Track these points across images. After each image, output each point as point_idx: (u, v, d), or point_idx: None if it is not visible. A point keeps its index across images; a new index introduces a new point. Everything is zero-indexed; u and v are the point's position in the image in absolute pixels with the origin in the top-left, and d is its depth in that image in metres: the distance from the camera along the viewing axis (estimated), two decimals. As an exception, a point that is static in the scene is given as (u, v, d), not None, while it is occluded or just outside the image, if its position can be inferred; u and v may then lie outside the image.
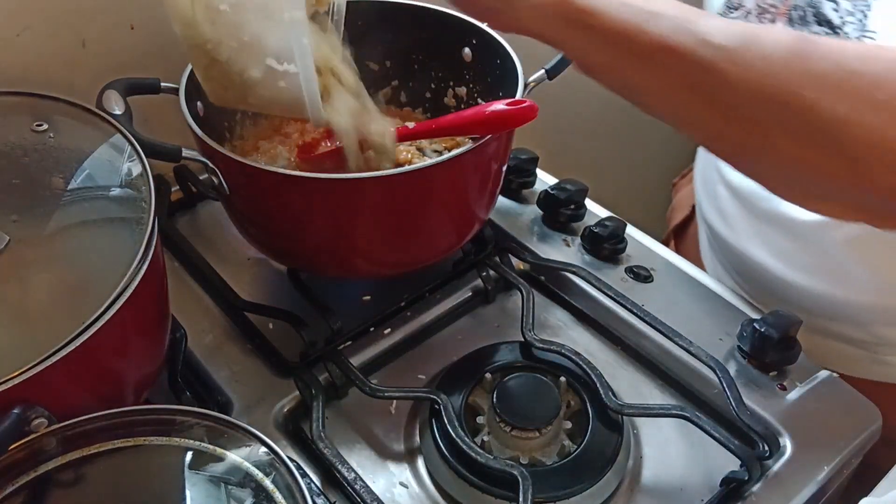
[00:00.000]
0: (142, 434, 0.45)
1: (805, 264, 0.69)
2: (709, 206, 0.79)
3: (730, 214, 0.75)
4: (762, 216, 0.71)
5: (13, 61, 0.68)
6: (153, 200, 0.50)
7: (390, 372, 0.65)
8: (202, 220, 0.78)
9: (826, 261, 0.68)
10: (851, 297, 0.68)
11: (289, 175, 0.57)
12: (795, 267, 0.70)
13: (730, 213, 0.75)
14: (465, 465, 0.55)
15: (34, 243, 0.50)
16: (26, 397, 0.42)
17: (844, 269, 0.67)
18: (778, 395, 0.61)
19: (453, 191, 0.61)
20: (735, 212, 0.74)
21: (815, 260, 0.68)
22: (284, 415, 0.61)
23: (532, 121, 0.57)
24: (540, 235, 0.75)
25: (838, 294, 0.69)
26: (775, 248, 0.71)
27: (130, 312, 0.46)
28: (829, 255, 0.67)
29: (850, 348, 0.71)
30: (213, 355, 0.64)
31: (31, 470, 0.43)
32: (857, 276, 0.67)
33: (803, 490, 0.55)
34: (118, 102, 0.57)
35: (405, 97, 0.78)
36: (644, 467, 0.58)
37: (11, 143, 0.53)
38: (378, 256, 0.64)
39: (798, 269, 0.70)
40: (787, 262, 0.70)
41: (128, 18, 0.73)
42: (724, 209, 0.76)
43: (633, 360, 0.67)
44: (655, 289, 0.70)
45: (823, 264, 0.68)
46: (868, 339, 0.70)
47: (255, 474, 0.43)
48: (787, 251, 0.70)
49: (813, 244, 0.68)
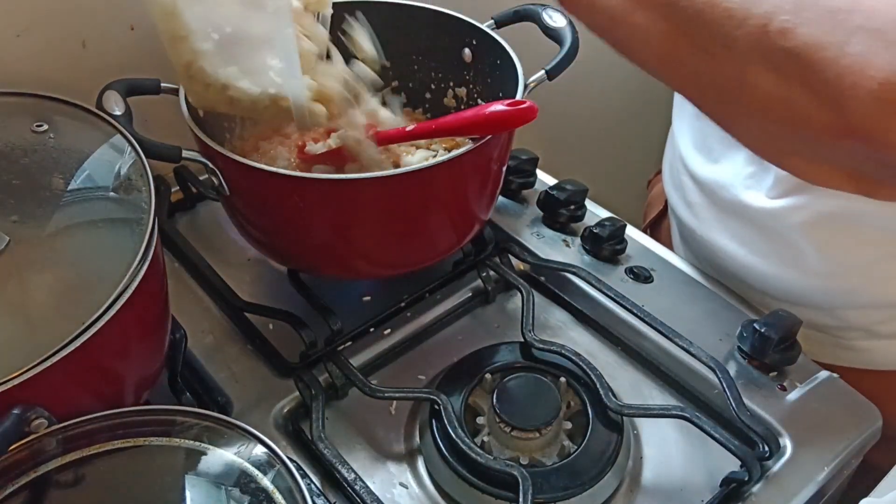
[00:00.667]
0: (142, 435, 0.45)
1: (766, 250, 0.71)
2: (677, 199, 0.80)
3: (695, 204, 0.77)
4: (723, 205, 0.73)
5: (13, 61, 0.68)
6: (153, 201, 0.50)
7: (390, 372, 0.65)
8: (202, 220, 0.78)
9: (784, 246, 0.69)
10: (811, 281, 0.69)
11: (289, 175, 0.57)
12: (758, 253, 0.71)
13: (695, 203, 0.77)
14: (465, 465, 0.55)
15: (34, 243, 0.50)
16: (26, 398, 0.42)
17: (802, 253, 0.68)
18: (778, 395, 0.61)
19: (453, 191, 0.61)
20: (700, 201, 0.76)
21: (775, 246, 0.70)
22: (284, 415, 0.61)
23: (532, 121, 0.57)
24: (540, 236, 0.75)
25: (799, 279, 0.70)
26: (738, 236, 0.72)
27: (130, 313, 0.46)
28: (786, 241, 0.68)
29: (817, 334, 0.72)
30: (213, 356, 0.64)
31: (31, 470, 0.43)
32: (814, 260, 0.68)
33: (803, 490, 0.55)
34: (118, 103, 0.57)
35: (405, 97, 0.78)
36: (644, 468, 0.58)
37: (11, 144, 0.53)
38: (378, 257, 0.64)
39: (760, 256, 0.71)
40: (750, 249, 0.72)
41: (128, 19, 0.73)
42: (691, 200, 0.77)
43: (633, 361, 0.67)
44: (655, 289, 0.70)
45: (782, 250, 0.69)
46: (833, 323, 0.71)
47: (254, 475, 0.43)
48: (749, 238, 0.71)
49: (771, 231, 0.69)
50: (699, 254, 0.79)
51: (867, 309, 0.70)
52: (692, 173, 0.76)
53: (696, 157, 0.76)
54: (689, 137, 0.78)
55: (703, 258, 0.79)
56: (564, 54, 0.66)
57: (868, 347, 0.72)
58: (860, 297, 0.69)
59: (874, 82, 0.37)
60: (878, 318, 0.70)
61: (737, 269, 0.74)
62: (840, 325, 0.71)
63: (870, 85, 0.37)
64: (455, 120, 0.61)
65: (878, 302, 0.69)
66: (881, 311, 0.70)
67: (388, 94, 0.78)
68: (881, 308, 0.70)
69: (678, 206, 0.80)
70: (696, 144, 0.77)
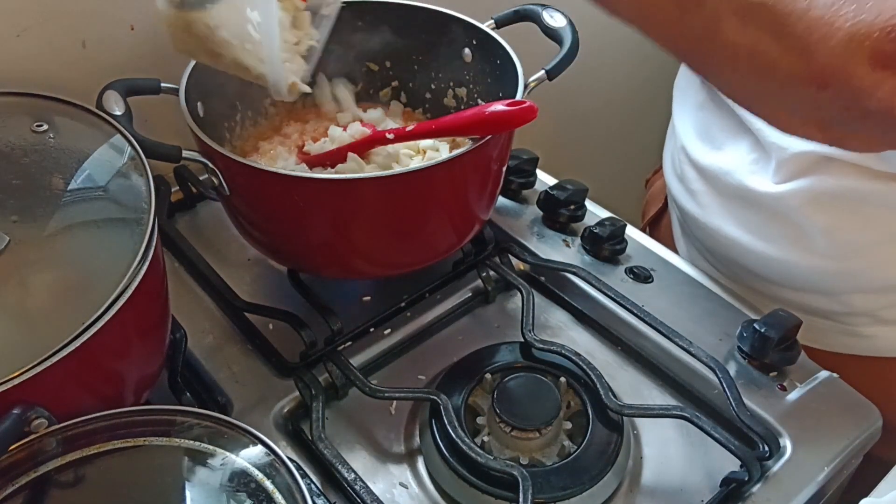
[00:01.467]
0: (142, 434, 0.45)
1: (771, 235, 0.71)
2: (679, 189, 0.81)
3: (698, 192, 0.77)
4: (727, 192, 0.73)
5: (13, 61, 0.68)
6: (153, 200, 0.50)
7: (390, 372, 0.65)
8: (202, 220, 0.78)
9: (790, 229, 0.69)
10: (817, 265, 0.70)
11: (289, 175, 0.57)
12: (763, 238, 0.72)
13: (698, 191, 0.77)
14: (465, 465, 0.55)
15: (34, 243, 0.50)
16: (26, 397, 0.42)
17: (808, 236, 0.68)
18: (778, 395, 0.61)
19: (453, 191, 0.61)
20: (702, 189, 0.76)
21: (780, 229, 0.70)
22: (284, 415, 0.61)
23: (532, 121, 0.57)
24: (540, 236, 0.75)
25: (805, 262, 0.70)
26: (743, 222, 0.73)
27: (130, 313, 0.46)
28: (791, 223, 0.69)
29: (822, 321, 0.72)
30: (213, 356, 0.64)
31: (31, 470, 0.43)
32: (819, 242, 0.68)
33: (803, 490, 0.55)
34: (118, 103, 0.57)
35: (405, 97, 0.78)
36: (644, 468, 0.58)
37: (11, 144, 0.53)
38: (378, 257, 0.64)
39: (766, 240, 0.72)
40: (755, 235, 0.72)
41: (128, 19, 0.73)
42: (693, 189, 0.78)
43: (633, 361, 0.67)
44: (655, 289, 0.70)
45: (788, 233, 0.70)
46: (838, 309, 0.71)
47: (254, 475, 0.43)
48: (754, 223, 0.72)
49: (776, 214, 0.69)
50: (703, 244, 0.80)
51: (872, 293, 0.70)
52: (695, 162, 0.77)
53: (698, 146, 0.76)
54: (692, 127, 0.78)
55: (706, 248, 0.79)
56: (564, 54, 0.66)
57: (873, 334, 0.72)
58: (866, 281, 0.69)
59: (841, 33, 0.40)
60: (883, 303, 0.70)
61: (741, 257, 0.74)
62: (845, 310, 0.71)
63: (837, 35, 0.40)
64: (455, 120, 0.61)
65: (884, 286, 0.69)
66: (887, 296, 0.70)
67: (388, 94, 0.78)
68: (887, 292, 0.70)
69: (681, 196, 0.80)
70: (699, 134, 0.77)
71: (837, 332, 0.73)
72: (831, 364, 0.64)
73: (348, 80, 0.77)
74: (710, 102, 0.76)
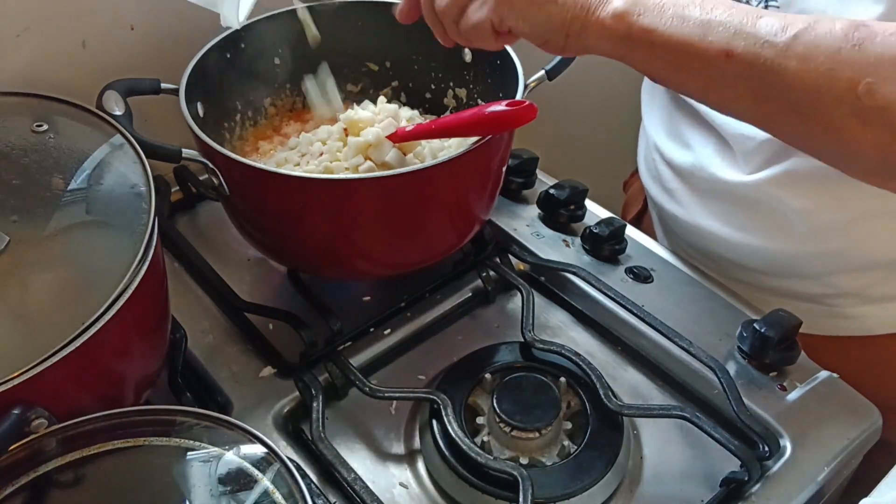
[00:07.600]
0: (142, 434, 0.45)
1: (750, 225, 0.72)
2: (657, 190, 0.81)
3: (675, 191, 0.77)
4: (703, 187, 0.74)
5: (13, 61, 0.68)
6: (153, 200, 0.50)
7: (390, 372, 0.65)
8: (202, 220, 0.78)
9: (767, 216, 0.70)
10: (798, 248, 0.70)
11: (289, 175, 0.57)
12: (743, 229, 0.72)
13: (675, 189, 0.77)
14: (465, 465, 0.55)
15: (34, 243, 0.50)
16: (26, 397, 0.43)
17: (786, 220, 0.69)
18: (778, 395, 0.61)
19: (453, 191, 0.61)
20: (679, 187, 0.77)
21: (759, 218, 0.71)
22: (284, 415, 0.61)
23: (532, 121, 0.57)
24: (540, 236, 0.75)
25: (786, 248, 0.71)
26: (721, 216, 0.73)
27: (130, 313, 0.46)
28: (768, 210, 0.69)
29: (808, 305, 0.72)
30: (213, 356, 0.64)
31: (31, 470, 0.43)
32: (796, 225, 0.69)
33: (803, 490, 0.55)
34: (118, 103, 0.57)
35: (405, 97, 0.78)
36: (644, 468, 0.58)
37: (11, 144, 0.53)
38: (378, 257, 0.64)
39: (745, 231, 0.72)
40: (735, 226, 0.73)
41: (128, 19, 0.73)
42: (671, 188, 0.78)
43: (633, 361, 0.67)
44: (655, 289, 0.70)
45: (766, 220, 0.70)
46: (824, 291, 0.72)
47: (254, 475, 0.43)
48: (732, 215, 0.72)
49: (753, 203, 0.70)
50: (684, 241, 0.80)
51: (856, 272, 0.70)
52: (668, 161, 0.77)
53: (670, 145, 0.77)
54: (661, 127, 0.79)
55: (688, 245, 0.79)
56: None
57: (861, 314, 0.72)
58: (847, 260, 0.70)
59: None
60: (868, 281, 0.70)
61: (723, 250, 0.74)
62: (831, 292, 0.72)
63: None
64: (455, 120, 0.61)
65: (866, 263, 0.70)
66: (870, 274, 0.70)
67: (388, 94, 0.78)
68: (870, 270, 0.70)
69: (658, 196, 0.81)
70: (669, 133, 0.78)
71: (826, 315, 0.73)
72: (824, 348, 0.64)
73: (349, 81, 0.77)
74: (675, 101, 0.76)
